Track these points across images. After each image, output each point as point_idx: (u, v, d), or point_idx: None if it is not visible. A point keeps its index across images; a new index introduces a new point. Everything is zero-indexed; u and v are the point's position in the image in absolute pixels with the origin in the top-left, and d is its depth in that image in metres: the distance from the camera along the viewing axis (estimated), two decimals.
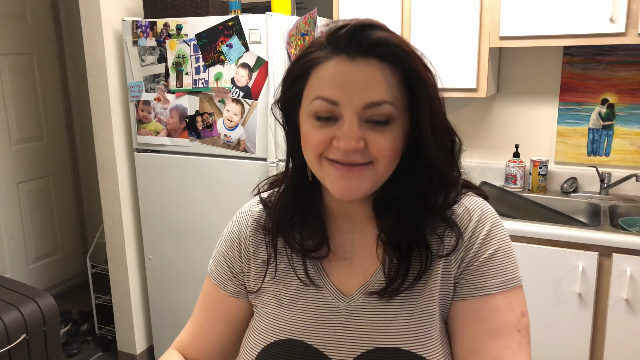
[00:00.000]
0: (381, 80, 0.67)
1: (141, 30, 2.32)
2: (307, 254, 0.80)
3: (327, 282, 0.80)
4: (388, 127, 0.69)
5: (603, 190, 2.31)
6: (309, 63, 0.71)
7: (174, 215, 2.44)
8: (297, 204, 0.80)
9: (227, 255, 0.88)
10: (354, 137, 0.67)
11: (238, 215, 0.90)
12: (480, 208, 0.78)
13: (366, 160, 0.69)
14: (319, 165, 0.72)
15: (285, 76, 0.74)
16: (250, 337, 0.83)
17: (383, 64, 0.68)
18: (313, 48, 0.71)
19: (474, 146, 2.59)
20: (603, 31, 1.95)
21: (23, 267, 3.42)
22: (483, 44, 2.15)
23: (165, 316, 2.60)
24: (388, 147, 0.69)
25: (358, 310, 0.77)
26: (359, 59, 0.68)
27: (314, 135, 0.70)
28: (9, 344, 1.77)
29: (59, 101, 3.58)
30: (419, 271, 0.75)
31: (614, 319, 1.88)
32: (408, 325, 0.75)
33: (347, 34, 0.68)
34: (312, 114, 0.70)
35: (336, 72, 0.68)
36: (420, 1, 2.20)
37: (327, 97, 0.68)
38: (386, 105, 0.68)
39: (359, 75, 0.67)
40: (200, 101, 2.25)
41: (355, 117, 0.68)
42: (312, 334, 0.78)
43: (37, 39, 3.40)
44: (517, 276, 0.76)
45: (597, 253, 1.87)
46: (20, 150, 3.35)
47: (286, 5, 2.26)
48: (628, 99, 2.28)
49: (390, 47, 0.68)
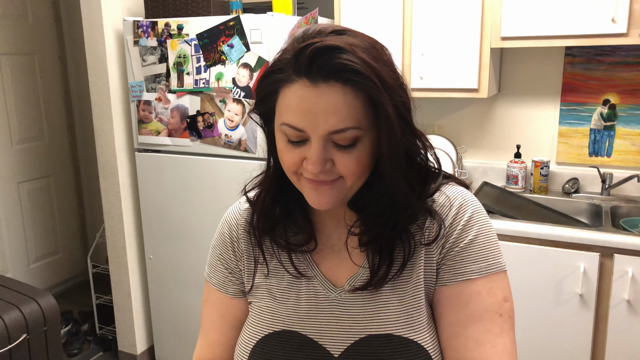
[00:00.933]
0: (344, 106, 0.67)
1: (142, 30, 2.31)
2: (294, 248, 0.83)
3: (317, 274, 0.82)
4: (354, 147, 0.70)
5: (604, 191, 2.31)
6: (275, 85, 0.71)
7: (174, 215, 2.44)
8: (281, 201, 0.83)
9: (223, 257, 0.89)
10: (319, 162, 0.70)
11: (227, 216, 0.92)
12: (461, 196, 0.79)
13: (335, 177, 0.72)
14: (296, 180, 0.76)
15: (257, 91, 0.76)
16: (246, 331, 0.85)
17: (345, 88, 0.67)
18: (278, 65, 0.71)
19: (475, 146, 2.58)
20: (605, 31, 1.95)
21: (24, 267, 3.42)
22: (484, 44, 2.15)
23: (166, 316, 2.60)
24: (354, 165, 0.71)
25: (349, 301, 0.80)
26: (321, 83, 0.67)
27: (288, 156, 0.73)
28: (10, 343, 1.77)
29: (60, 101, 3.58)
30: (402, 262, 0.77)
31: (616, 319, 1.87)
32: (398, 312, 0.77)
33: (308, 58, 0.67)
34: (283, 134, 0.72)
35: (300, 99, 0.68)
36: (421, 1, 2.20)
37: (293, 125, 0.69)
38: (350, 131, 0.68)
39: (322, 102, 0.67)
40: (201, 101, 2.25)
41: (321, 142, 0.69)
42: (306, 324, 0.80)
43: (39, 39, 3.40)
44: (499, 262, 0.77)
45: (598, 254, 1.87)
46: (21, 150, 3.35)
47: (287, 5, 2.26)
48: (630, 99, 2.27)
49: (351, 72, 0.66)
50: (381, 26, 2.28)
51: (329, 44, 0.67)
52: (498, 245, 0.78)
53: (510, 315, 0.76)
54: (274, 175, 0.81)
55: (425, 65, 2.24)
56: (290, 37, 0.74)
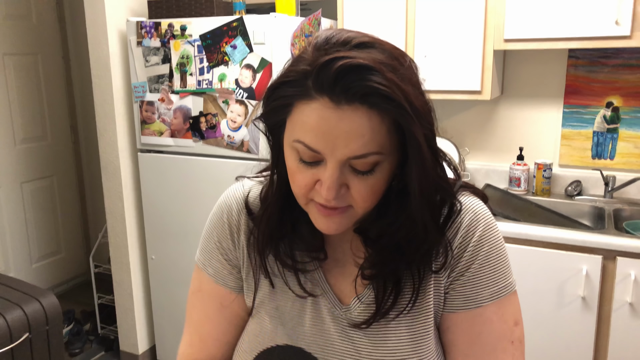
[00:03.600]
0: (367, 131, 0.61)
1: (145, 30, 2.32)
2: (301, 267, 0.77)
3: (327, 290, 0.78)
4: (372, 173, 0.65)
5: (607, 194, 2.31)
6: (289, 98, 0.64)
7: (177, 215, 2.44)
8: (286, 215, 0.76)
9: (221, 244, 0.81)
10: (334, 188, 0.64)
11: (225, 199, 0.83)
12: (473, 210, 0.74)
13: (346, 204, 0.67)
14: (304, 202, 0.70)
15: (267, 101, 0.68)
16: (246, 340, 0.81)
17: (371, 112, 0.61)
18: (292, 76, 0.64)
19: (477, 149, 2.58)
20: (608, 34, 1.95)
21: (26, 267, 3.43)
22: (487, 46, 2.15)
23: (167, 316, 2.60)
24: (369, 192, 0.66)
25: (355, 320, 0.76)
26: (344, 105, 0.60)
27: (300, 177, 0.67)
28: (12, 342, 1.77)
29: (63, 101, 3.59)
30: (411, 294, 0.73)
31: (618, 322, 1.87)
32: (407, 339, 0.74)
33: (333, 76, 0.60)
34: (295, 151, 0.66)
35: (319, 119, 0.61)
36: (424, 3, 2.20)
37: (310, 146, 0.63)
38: (372, 156, 0.63)
39: (344, 125, 0.61)
40: (204, 102, 2.25)
41: (338, 166, 0.63)
42: (311, 341, 0.77)
43: (42, 39, 3.41)
44: (509, 282, 0.74)
45: (601, 256, 1.86)
46: (24, 150, 3.36)
47: (290, 6, 2.26)
48: (633, 102, 2.27)
49: (380, 97, 0.60)
50: (384, 28, 2.27)
51: (357, 63, 0.60)
52: (508, 263, 0.75)
53: (521, 340, 0.75)
54: (279, 188, 0.74)
55: (428, 67, 2.23)
56: (310, 44, 0.65)
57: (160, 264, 2.55)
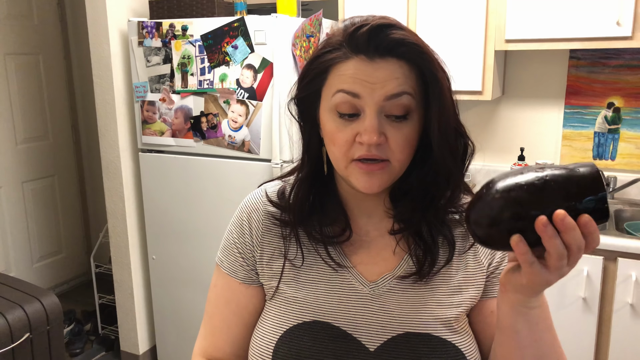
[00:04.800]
0: (400, 75, 0.70)
1: (147, 30, 2.32)
2: (328, 240, 0.82)
3: (349, 266, 0.81)
4: (406, 121, 0.72)
5: (608, 195, 2.30)
6: (327, 62, 0.73)
7: (178, 215, 2.44)
8: (314, 194, 0.82)
9: (238, 241, 0.86)
10: (375, 132, 0.70)
11: (247, 201, 0.89)
12: None
13: (384, 157, 0.72)
14: (345, 166, 0.74)
15: (303, 74, 0.77)
16: (269, 320, 0.82)
17: (401, 62, 0.70)
18: (329, 47, 0.73)
19: (479, 149, 2.56)
20: (609, 34, 1.95)
21: (27, 266, 3.43)
22: (489, 47, 2.15)
23: (168, 316, 2.60)
24: (405, 143, 0.72)
25: (384, 296, 0.79)
26: (377, 59, 0.70)
27: (340, 135, 0.73)
28: (13, 342, 1.77)
29: (64, 101, 3.59)
30: (446, 260, 0.79)
31: (619, 323, 1.87)
32: (437, 312, 0.77)
33: (365, 35, 0.70)
34: (334, 108, 0.73)
35: (357, 70, 0.70)
36: (426, 4, 2.20)
37: (349, 90, 0.71)
38: (405, 96, 0.70)
39: (379, 73, 0.70)
40: (205, 102, 2.25)
41: (376, 111, 0.70)
42: (339, 316, 0.78)
43: (44, 39, 3.41)
44: None
45: (602, 257, 1.86)
46: (25, 150, 3.36)
47: (291, 6, 2.26)
48: (634, 102, 2.27)
49: (408, 46, 0.70)
50: None
51: (385, 22, 0.71)
52: None
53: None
54: (309, 168, 0.81)
55: None
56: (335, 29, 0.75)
57: (161, 264, 2.55)
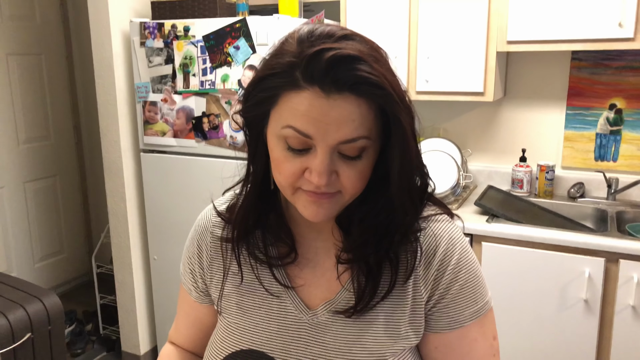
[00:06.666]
0: (357, 116, 0.64)
1: (149, 31, 2.32)
2: (273, 262, 0.78)
3: (291, 293, 0.78)
4: (360, 159, 0.67)
5: (610, 196, 2.30)
6: (276, 89, 0.65)
7: (179, 216, 2.44)
8: (259, 210, 0.78)
9: (191, 260, 0.87)
10: (326, 173, 0.65)
11: (198, 221, 0.89)
12: (448, 234, 0.77)
13: (335, 190, 0.68)
14: (291, 193, 0.71)
15: (247, 95, 0.70)
16: (213, 345, 0.83)
17: (360, 100, 0.63)
18: (278, 68, 0.65)
19: (480, 150, 2.58)
20: (611, 36, 1.95)
21: (29, 266, 3.43)
22: (490, 48, 2.15)
23: (169, 317, 2.60)
24: (357, 178, 0.68)
25: (322, 327, 0.76)
26: (334, 94, 0.62)
27: (287, 166, 0.67)
28: (14, 342, 1.77)
29: (66, 101, 3.60)
30: (388, 287, 0.74)
31: (621, 325, 1.86)
32: (373, 348, 0.74)
33: (325, 67, 0.62)
34: (283, 139, 0.67)
35: (310, 107, 0.63)
36: (427, 5, 2.20)
37: (300, 130, 0.64)
38: (361, 140, 0.65)
39: (335, 112, 0.63)
40: (207, 102, 2.25)
41: (329, 152, 0.65)
42: (274, 345, 0.77)
43: (46, 40, 3.42)
44: (487, 301, 0.79)
45: (603, 259, 1.86)
46: (27, 150, 3.36)
47: (293, 7, 2.26)
48: (636, 104, 2.26)
49: (370, 86, 0.63)
50: (387, 29, 2.28)
51: (347, 53, 0.62)
52: (484, 283, 0.79)
53: (498, 351, 0.81)
54: (255, 183, 0.76)
55: (431, 68, 2.23)
56: (291, 36, 0.67)
57: (163, 264, 2.55)
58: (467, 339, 0.77)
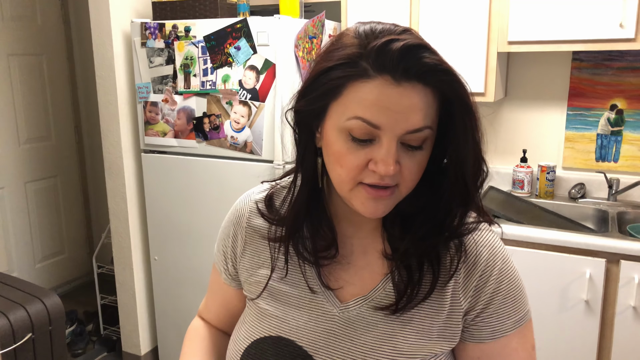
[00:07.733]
0: (424, 106, 0.64)
1: (150, 31, 2.33)
2: (319, 261, 0.79)
3: (322, 287, 0.79)
4: (421, 150, 0.68)
5: (611, 197, 2.30)
6: (343, 79, 0.65)
7: (180, 216, 2.44)
8: (310, 209, 0.78)
9: (224, 243, 0.90)
10: (392, 162, 0.65)
11: (237, 205, 0.90)
12: (489, 243, 0.78)
13: (395, 183, 0.68)
14: (350, 188, 0.70)
15: (310, 86, 0.69)
16: (241, 329, 0.84)
17: (427, 89, 0.64)
18: (344, 59, 0.65)
19: None
20: (612, 36, 1.94)
21: (30, 267, 3.44)
22: (491, 48, 2.15)
23: (170, 317, 2.60)
24: (417, 170, 0.69)
25: (352, 322, 0.76)
26: (404, 82, 0.63)
27: (351, 158, 0.67)
28: (15, 342, 1.77)
29: (67, 101, 3.60)
30: (429, 288, 0.74)
31: (621, 326, 1.86)
32: (404, 349, 0.74)
33: (397, 56, 0.62)
34: (346, 132, 0.66)
35: (380, 96, 0.63)
36: (428, 5, 2.20)
37: (370, 121, 0.64)
38: (426, 130, 0.66)
39: (405, 100, 0.63)
40: (208, 103, 2.26)
41: (395, 142, 0.65)
42: (303, 335, 0.77)
43: (47, 40, 3.42)
44: (528, 310, 0.80)
45: (604, 260, 1.86)
46: (28, 150, 3.37)
47: (294, 8, 2.26)
48: (637, 104, 2.26)
49: (440, 75, 0.64)
50: None
51: (417, 42, 0.64)
52: (525, 292, 0.80)
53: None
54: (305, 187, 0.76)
55: None
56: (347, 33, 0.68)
57: (163, 264, 2.55)
58: (507, 349, 0.77)
